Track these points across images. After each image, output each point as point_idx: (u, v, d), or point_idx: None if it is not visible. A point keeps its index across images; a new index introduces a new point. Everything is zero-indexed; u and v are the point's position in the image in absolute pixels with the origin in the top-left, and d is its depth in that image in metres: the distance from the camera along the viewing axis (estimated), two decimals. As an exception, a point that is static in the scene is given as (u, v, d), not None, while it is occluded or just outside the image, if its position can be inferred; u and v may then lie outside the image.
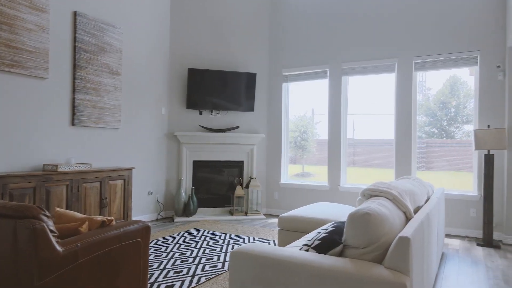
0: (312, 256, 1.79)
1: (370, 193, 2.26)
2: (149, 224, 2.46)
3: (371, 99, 5.72)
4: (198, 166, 5.86)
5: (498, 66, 4.57)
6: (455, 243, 4.42)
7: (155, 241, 4.16)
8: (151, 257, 3.56)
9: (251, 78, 5.93)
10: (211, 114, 5.91)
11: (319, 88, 6.03)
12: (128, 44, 5.01)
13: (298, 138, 6.41)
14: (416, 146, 5.21)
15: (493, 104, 4.65)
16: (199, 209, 5.78)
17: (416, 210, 2.66)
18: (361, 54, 5.50)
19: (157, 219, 5.52)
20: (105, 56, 4.61)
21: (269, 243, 4.18)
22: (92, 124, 4.46)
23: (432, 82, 5.55)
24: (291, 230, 3.59)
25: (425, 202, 3.03)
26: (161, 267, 3.30)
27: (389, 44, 5.29)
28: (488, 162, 4.33)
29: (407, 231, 1.75)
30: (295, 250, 1.90)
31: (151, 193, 5.45)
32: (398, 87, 5.24)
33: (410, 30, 5.15)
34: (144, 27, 5.29)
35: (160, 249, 3.85)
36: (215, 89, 5.78)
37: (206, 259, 3.55)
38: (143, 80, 5.30)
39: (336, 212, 3.62)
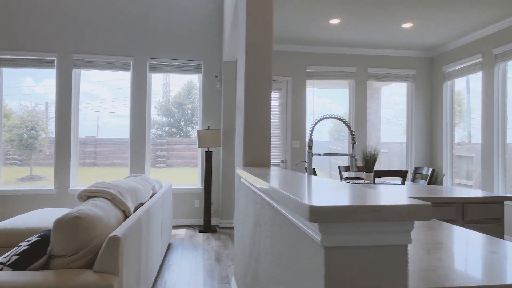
0: (3, 277, 1.48)
1: (88, 194, 2.12)
2: None
3: (116, 96, 5.49)
4: None
5: (216, 76, 5.36)
6: (182, 232, 4.87)
7: None
8: None
9: None
10: None
11: (54, 79, 5.25)
12: None
13: (25, 135, 5.38)
14: (150, 145, 5.39)
15: (213, 108, 5.42)
16: None
17: (139, 206, 2.71)
18: (96, 47, 5.18)
19: None
20: None
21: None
22: None
23: (174, 85, 5.91)
24: (-2, 246, 2.94)
25: (151, 198, 3.15)
26: None
27: (125, 42, 5.24)
28: (208, 158, 5.01)
29: (119, 230, 1.73)
30: (-19, 273, 1.52)
31: None
32: (133, 86, 5.27)
33: (145, 33, 5.28)
34: None
35: None
36: None
37: None
38: None
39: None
